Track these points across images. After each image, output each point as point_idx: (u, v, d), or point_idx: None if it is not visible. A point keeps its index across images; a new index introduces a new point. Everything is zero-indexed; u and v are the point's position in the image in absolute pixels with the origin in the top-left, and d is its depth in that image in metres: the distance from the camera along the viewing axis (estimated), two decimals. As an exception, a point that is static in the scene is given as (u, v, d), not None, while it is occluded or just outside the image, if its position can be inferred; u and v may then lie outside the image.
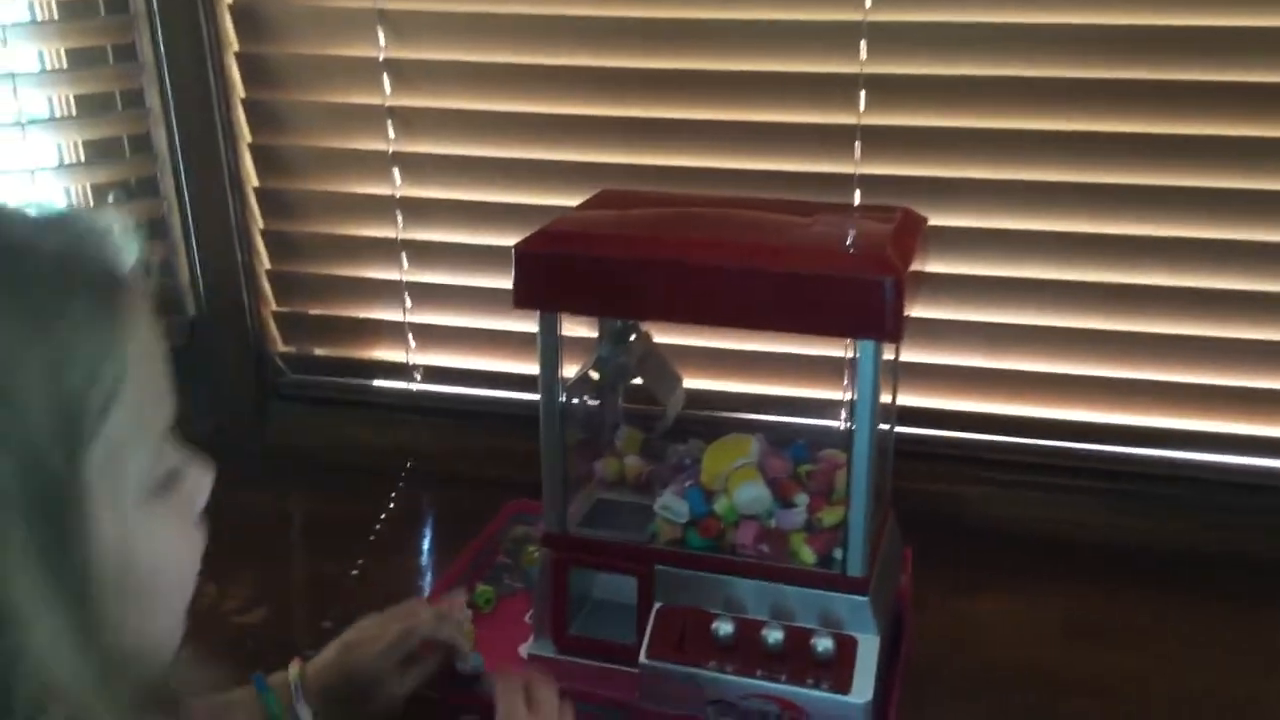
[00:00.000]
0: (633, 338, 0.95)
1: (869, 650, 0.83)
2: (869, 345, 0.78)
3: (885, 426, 0.89)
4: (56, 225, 0.45)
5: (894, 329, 0.76)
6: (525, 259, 0.83)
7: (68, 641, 0.41)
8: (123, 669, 0.43)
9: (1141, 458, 1.17)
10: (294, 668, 0.82)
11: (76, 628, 0.41)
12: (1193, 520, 1.13)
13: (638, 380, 0.94)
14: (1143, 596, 1.05)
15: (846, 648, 0.83)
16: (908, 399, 1.11)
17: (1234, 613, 1.03)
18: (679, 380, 0.99)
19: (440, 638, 0.86)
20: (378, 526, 1.19)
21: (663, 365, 0.98)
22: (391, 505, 1.24)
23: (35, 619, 0.40)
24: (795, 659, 0.83)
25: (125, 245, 0.46)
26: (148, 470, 0.47)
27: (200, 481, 0.51)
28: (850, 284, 0.76)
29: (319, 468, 1.30)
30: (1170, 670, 0.95)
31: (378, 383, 1.38)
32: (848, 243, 0.83)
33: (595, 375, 0.97)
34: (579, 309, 0.87)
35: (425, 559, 1.16)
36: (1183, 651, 0.97)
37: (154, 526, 0.47)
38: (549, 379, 0.86)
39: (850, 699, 0.81)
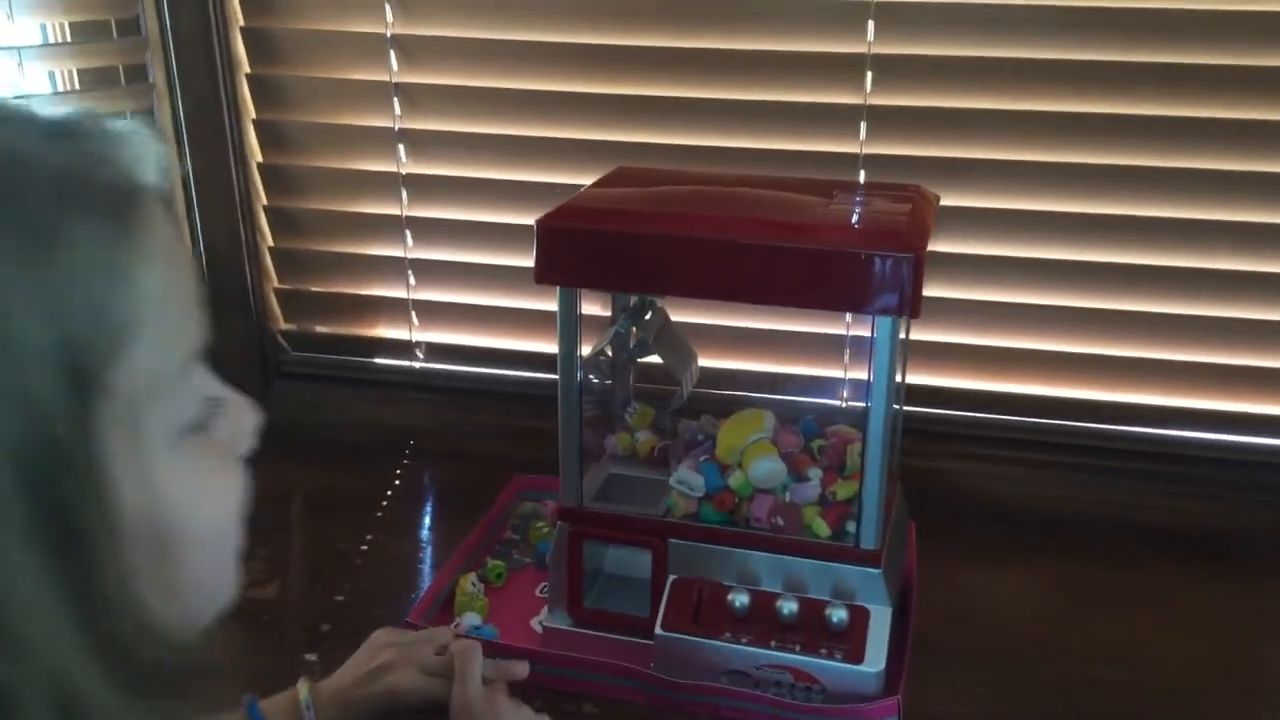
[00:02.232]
0: (648, 315, 0.96)
1: (881, 621, 0.85)
2: (887, 322, 0.80)
3: (894, 405, 0.91)
4: (65, 130, 0.38)
5: (913, 305, 0.77)
6: (547, 233, 0.83)
7: (72, 630, 0.35)
8: (136, 651, 0.37)
9: (1143, 435, 1.18)
10: (303, 688, 0.78)
11: (82, 615, 0.35)
12: (1193, 496, 1.15)
13: (654, 358, 0.95)
14: (1143, 570, 1.07)
15: (859, 618, 0.85)
16: (914, 377, 1.13)
17: (1232, 585, 1.05)
18: (694, 356, 1.00)
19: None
20: (384, 504, 1.20)
21: (678, 340, 0.99)
22: (397, 482, 1.24)
23: (39, 610, 0.34)
24: (809, 630, 0.85)
25: (143, 151, 0.40)
26: (174, 415, 0.40)
27: (241, 424, 0.44)
28: (870, 261, 0.77)
29: (321, 445, 1.30)
30: (1170, 640, 0.97)
31: (381, 360, 1.38)
32: (866, 220, 0.84)
33: (609, 351, 0.98)
34: (601, 284, 0.88)
35: (430, 535, 1.17)
36: (1181, 622, 0.99)
37: (183, 474, 0.40)
38: (568, 354, 0.87)
39: (863, 668, 0.83)
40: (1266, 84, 1.07)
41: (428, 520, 1.20)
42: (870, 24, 1.13)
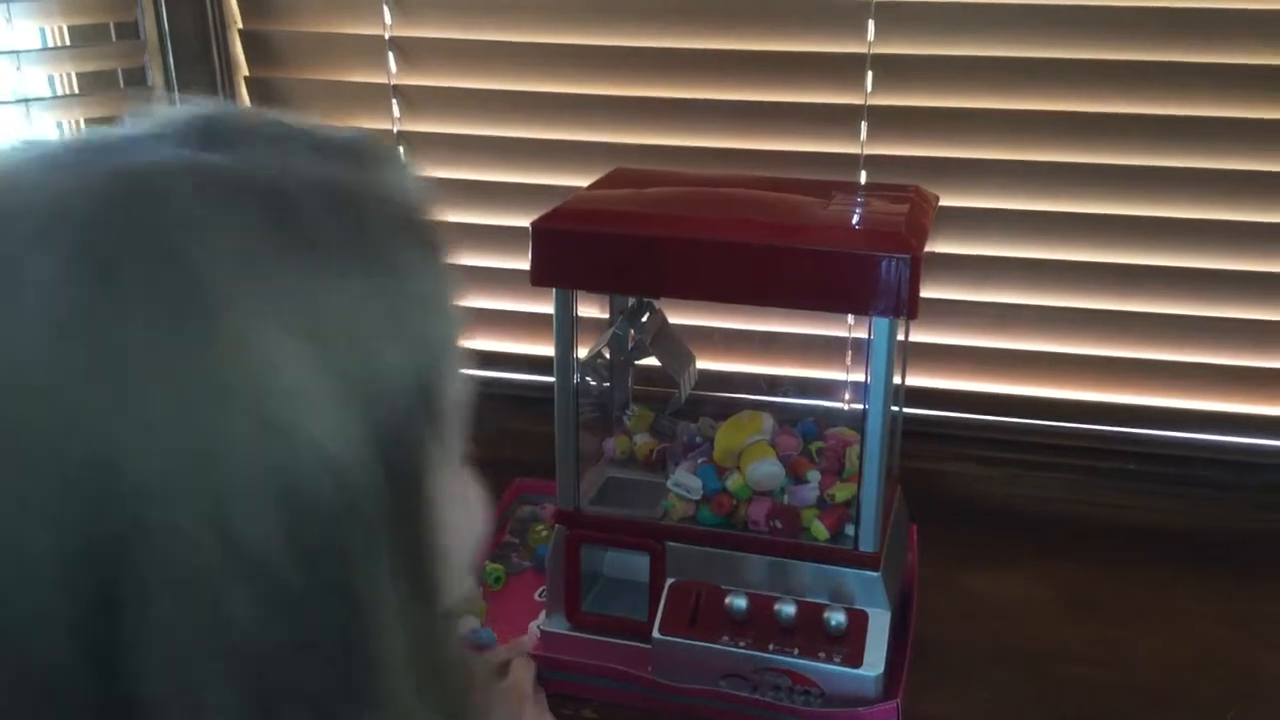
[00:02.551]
0: (646, 316, 0.96)
1: (880, 624, 0.85)
2: (884, 323, 0.79)
3: (893, 407, 0.90)
4: (360, 154, 0.37)
5: (911, 306, 0.77)
6: (543, 235, 0.83)
7: (406, 623, 0.34)
8: (446, 664, 0.38)
9: (1144, 437, 1.18)
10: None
11: (418, 645, 0.35)
12: (1194, 498, 1.14)
13: (651, 360, 0.95)
14: (1143, 572, 1.06)
15: (858, 622, 0.85)
16: (913, 379, 1.12)
17: (1234, 587, 1.04)
18: (692, 358, 1.00)
19: None
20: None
21: (676, 342, 0.99)
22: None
23: (384, 604, 0.33)
24: (807, 633, 0.85)
25: (416, 181, 0.39)
26: (462, 441, 0.41)
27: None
28: (867, 261, 0.77)
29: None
30: (1170, 644, 0.96)
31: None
32: (864, 221, 0.84)
33: (607, 354, 0.98)
34: (596, 286, 0.88)
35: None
36: (1183, 625, 0.99)
37: (462, 490, 0.41)
38: (564, 356, 0.86)
39: (862, 672, 0.82)
40: (1271, 82, 1.06)
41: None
42: (870, 24, 1.12)
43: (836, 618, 0.84)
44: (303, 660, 0.30)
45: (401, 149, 0.40)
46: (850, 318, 1.14)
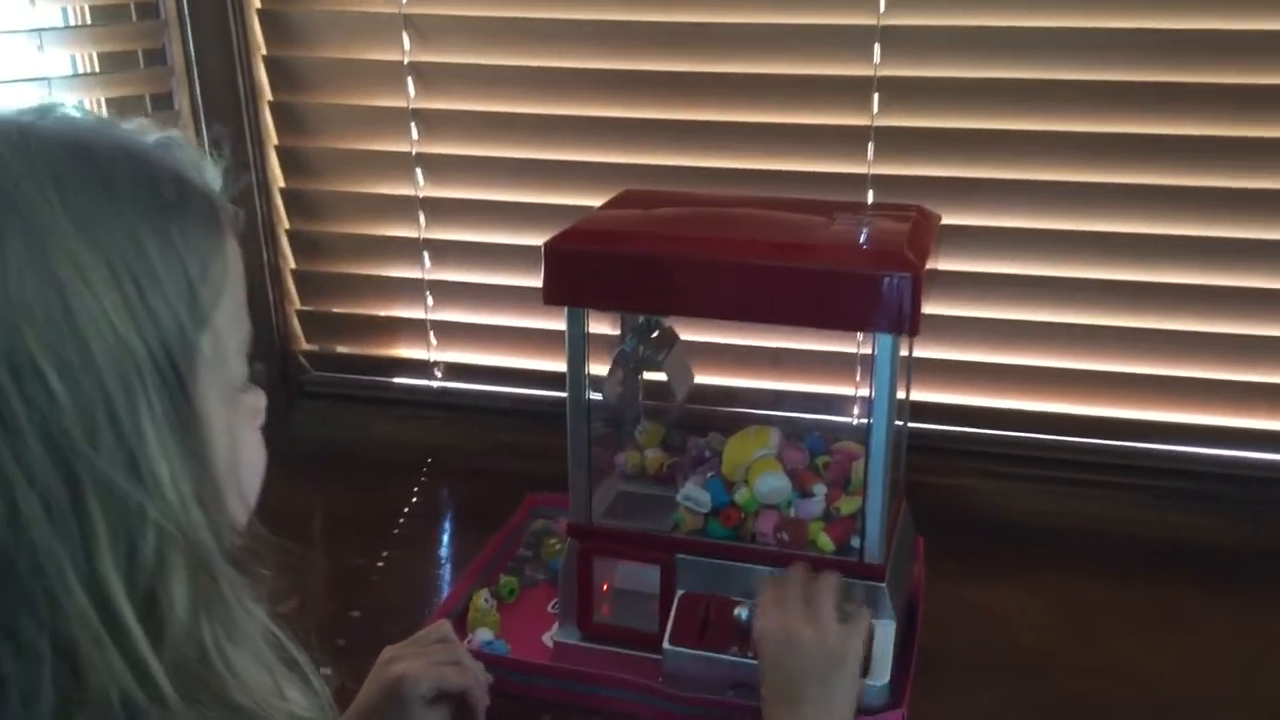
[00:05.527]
0: (655, 333, 0.98)
1: (886, 635, 0.86)
2: (887, 340, 0.81)
3: (898, 421, 0.92)
4: (170, 143, 0.50)
5: (912, 324, 0.79)
6: (555, 255, 0.85)
7: (191, 501, 0.45)
8: (232, 531, 0.48)
9: (1150, 451, 1.19)
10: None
11: (199, 490, 0.45)
12: (1200, 511, 1.16)
13: (660, 375, 0.97)
14: (1149, 585, 1.07)
15: (864, 633, 0.86)
16: (919, 394, 1.14)
17: (1240, 601, 1.05)
18: (692, 376, 1.02)
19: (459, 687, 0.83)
20: (401, 520, 1.22)
21: (682, 360, 1.01)
22: (414, 499, 1.26)
23: (165, 477, 0.44)
24: (814, 644, 0.86)
25: (216, 175, 0.51)
26: (237, 371, 0.50)
27: (259, 398, 0.54)
28: (870, 281, 0.79)
29: (342, 462, 1.32)
30: (1176, 656, 0.97)
31: (400, 380, 1.41)
32: (867, 240, 0.86)
33: (620, 373, 1.00)
34: (607, 304, 0.90)
35: (447, 551, 1.19)
36: (1188, 638, 1.00)
37: (239, 421, 0.51)
38: (576, 373, 0.88)
39: (869, 681, 0.84)
40: (1273, 101, 1.08)
41: (444, 537, 1.22)
42: (877, 47, 1.14)
43: (843, 628, 0.85)
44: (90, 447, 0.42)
45: (209, 148, 0.53)
46: (859, 334, 1.16)
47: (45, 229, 0.42)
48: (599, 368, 0.93)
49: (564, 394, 0.89)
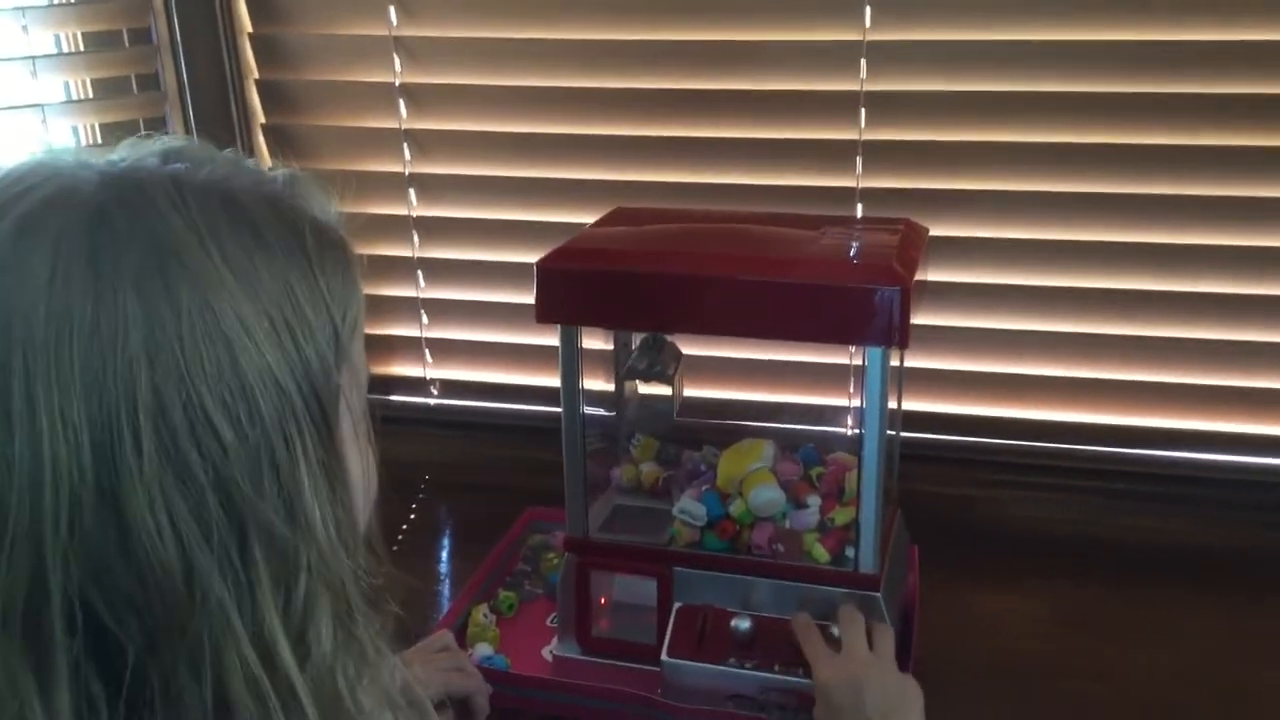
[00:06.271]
0: (662, 349, 0.98)
1: (881, 644, 0.87)
2: (877, 352, 0.82)
3: (891, 431, 0.93)
4: (294, 180, 0.51)
5: (902, 336, 0.80)
6: (547, 275, 0.86)
7: (336, 541, 0.46)
8: (364, 568, 0.49)
9: (1144, 458, 1.20)
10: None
11: (340, 529, 0.46)
12: (1195, 517, 1.17)
13: (665, 389, 0.97)
14: (1145, 591, 1.08)
15: (860, 642, 0.87)
16: (911, 404, 1.15)
17: (1232, 605, 1.05)
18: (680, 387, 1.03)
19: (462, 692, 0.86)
20: (399, 537, 1.22)
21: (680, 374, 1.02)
22: (412, 516, 1.27)
23: (316, 519, 0.45)
24: (811, 654, 0.87)
25: (337, 210, 0.53)
26: (361, 404, 0.51)
27: (370, 428, 0.54)
28: (859, 294, 0.80)
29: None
30: (1172, 661, 0.98)
31: (396, 397, 1.42)
32: (856, 254, 0.87)
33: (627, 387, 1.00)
34: (600, 322, 0.91)
35: (445, 567, 1.19)
36: (1184, 643, 1.00)
37: (366, 454, 0.52)
38: (571, 390, 0.89)
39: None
40: (1261, 111, 1.09)
41: (442, 554, 1.23)
42: (863, 62, 1.16)
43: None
44: (253, 495, 0.43)
45: (328, 185, 0.53)
46: (852, 346, 1.17)
47: (209, 284, 0.43)
48: (593, 383, 0.94)
49: (559, 409, 0.91)
